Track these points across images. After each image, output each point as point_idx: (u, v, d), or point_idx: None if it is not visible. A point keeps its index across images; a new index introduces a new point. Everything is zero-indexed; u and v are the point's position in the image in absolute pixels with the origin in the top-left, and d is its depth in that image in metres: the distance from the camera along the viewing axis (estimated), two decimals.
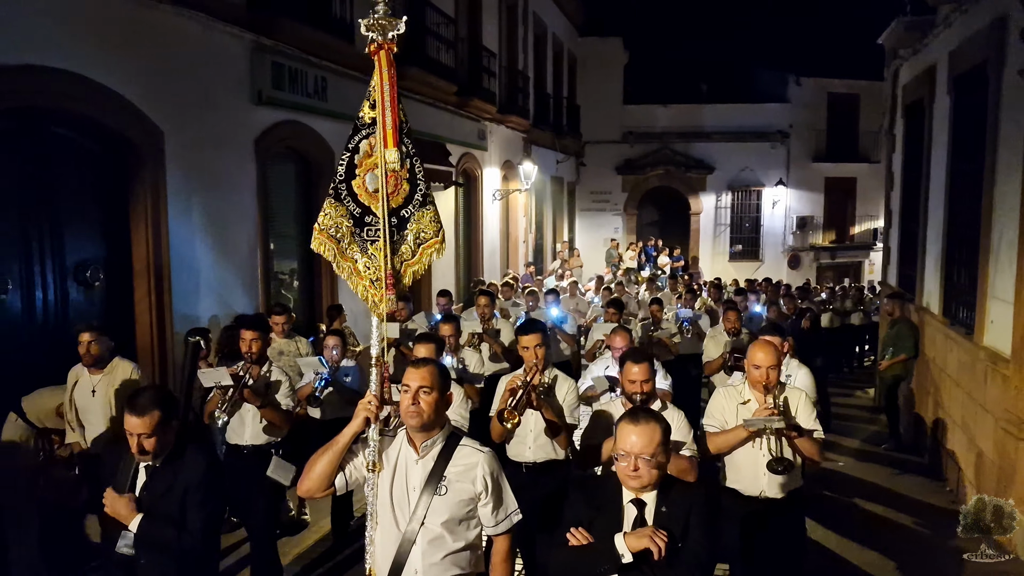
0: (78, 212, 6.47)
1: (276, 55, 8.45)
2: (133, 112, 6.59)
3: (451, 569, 2.95)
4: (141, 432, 3.19)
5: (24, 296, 5.98)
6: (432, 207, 3.10)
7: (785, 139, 24.33)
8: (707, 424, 4.39)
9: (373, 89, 2.97)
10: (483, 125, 15.67)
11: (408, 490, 2.96)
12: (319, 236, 3.05)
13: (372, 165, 3.01)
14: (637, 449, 2.81)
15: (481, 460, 3.00)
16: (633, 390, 4.21)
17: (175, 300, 7.10)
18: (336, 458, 2.95)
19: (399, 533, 2.93)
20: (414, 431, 2.98)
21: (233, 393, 4.96)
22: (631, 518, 2.87)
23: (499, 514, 3.05)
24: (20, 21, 5.51)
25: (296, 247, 9.69)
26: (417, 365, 3.00)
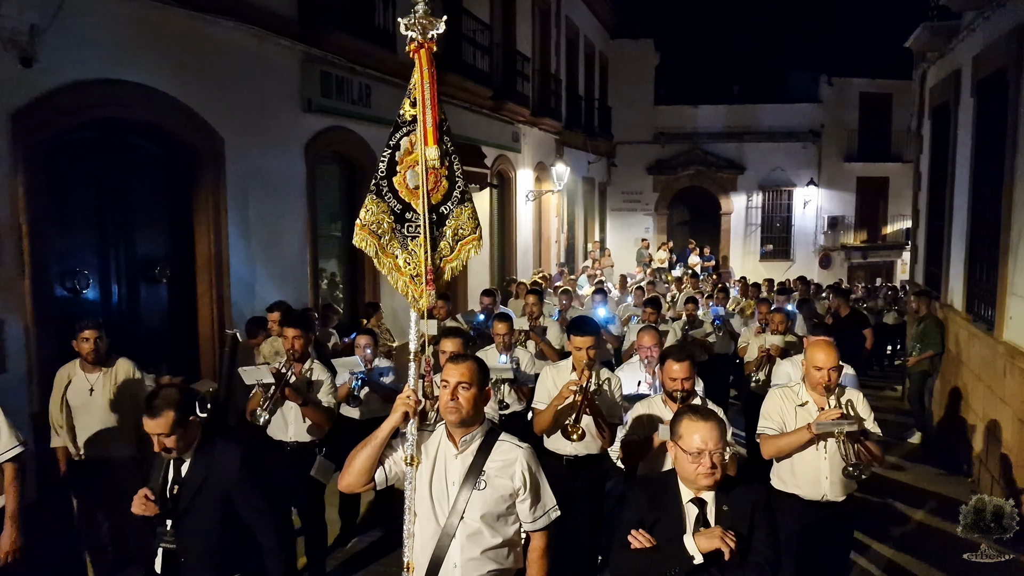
0: (147, 213, 7.00)
1: (324, 65, 8.94)
2: (196, 120, 7.10)
3: (489, 564, 2.94)
4: (160, 432, 3.24)
5: (101, 291, 6.52)
6: (470, 204, 3.14)
7: (816, 139, 24.41)
8: (764, 426, 4.27)
9: (414, 87, 2.99)
10: (517, 128, 16.07)
11: (447, 484, 2.97)
12: (361, 232, 3.07)
13: (413, 162, 3.02)
14: (712, 445, 2.78)
15: (520, 456, 3.00)
16: (674, 387, 4.20)
17: (233, 295, 7.61)
18: (375, 453, 2.95)
19: (438, 527, 2.93)
20: (453, 426, 2.98)
21: (275, 391, 4.93)
22: (693, 518, 2.84)
23: (537, 510, 3.04)
24: (99, 39, 6.02)
25: (340, 246, 10.19)
26: (456, 361, 3.01)
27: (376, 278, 10.43)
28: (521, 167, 16.65)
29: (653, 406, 4.41)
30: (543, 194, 17.99)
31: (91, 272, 6.38)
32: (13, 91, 5.37)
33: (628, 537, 2.81)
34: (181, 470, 3.35)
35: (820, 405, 4.11)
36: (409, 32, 2.97)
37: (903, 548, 6.24)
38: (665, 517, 2.84)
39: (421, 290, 3.05)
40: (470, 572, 2.90)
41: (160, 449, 3.28)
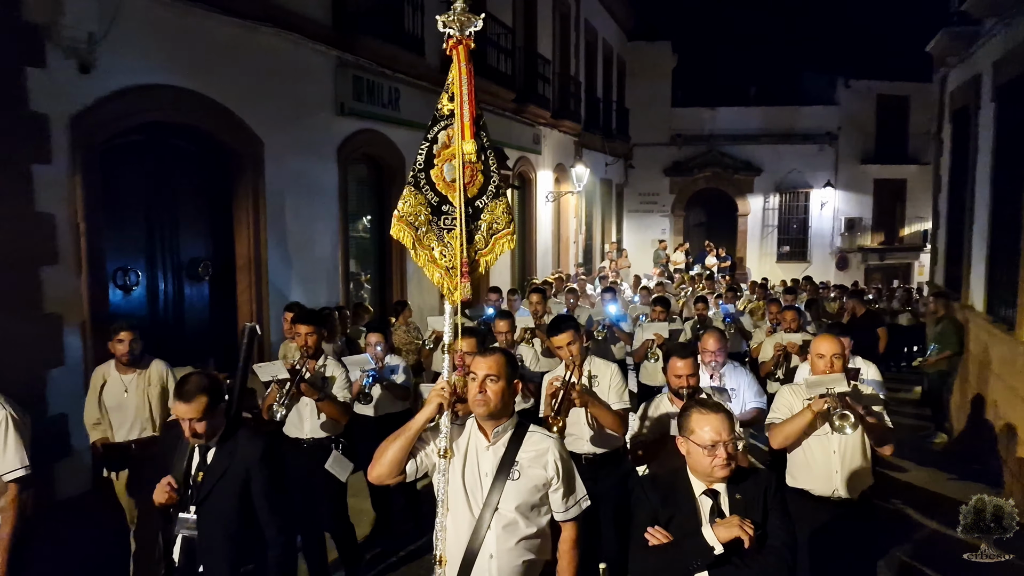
0: (191, 214, 7.25)
1: (357, 69, 9.18)
2: (237, 124, 7.35)
3: (525, 554, 2.95)
4: (191, 417, 3.25)
5: (148, 289, 6.77)
6: (504, 198, 3.14)
7: (833, 141, 24.48)
8: (772, 418, 4.27)
9: (451, 83, 3.01)
10: (537, 130, 16.28)
11: (480, 476, 2.97)
12: (398, 223, 3.07)
13: (450, 156, 3.04)
14: (725, 436, 2.81)
15: (551, 445, 3.02)
16: (679, 384, 4.23)
17: (271, 293, 7.86)
18: (407, 444, 2.96)
19: (473, 519, 2.93)
20: (482, 419, 2.99)
21: (290, 387, 4.93)
22: (707, 510, 2.85)
23: (569, 500, 3.05)
24: (149, 46, 6.28)
25: (370, 246, 10.43)
26: (485, 354, 3.03)
27: (403, 277, 10.69)
28: (541, 168, 16.86)
29: (660, 405, 4.43)
30: (562, 195, 18.19)
31: (140, 270, 6.63)
32: (72, 96, 5.63)
33: (645, 535, 2.80)
34: (206, 458, 3.36)
35: None
36: (447, 29, 2.98)
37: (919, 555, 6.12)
38: (679, 512, 2.85)
39: (456, 282, 3.05)
40: (506, 562, 2.91)
41: (190, 434, 3.30)
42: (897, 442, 4.21)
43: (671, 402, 4.35)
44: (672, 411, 4.27)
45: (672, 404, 4.33)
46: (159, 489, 3.29)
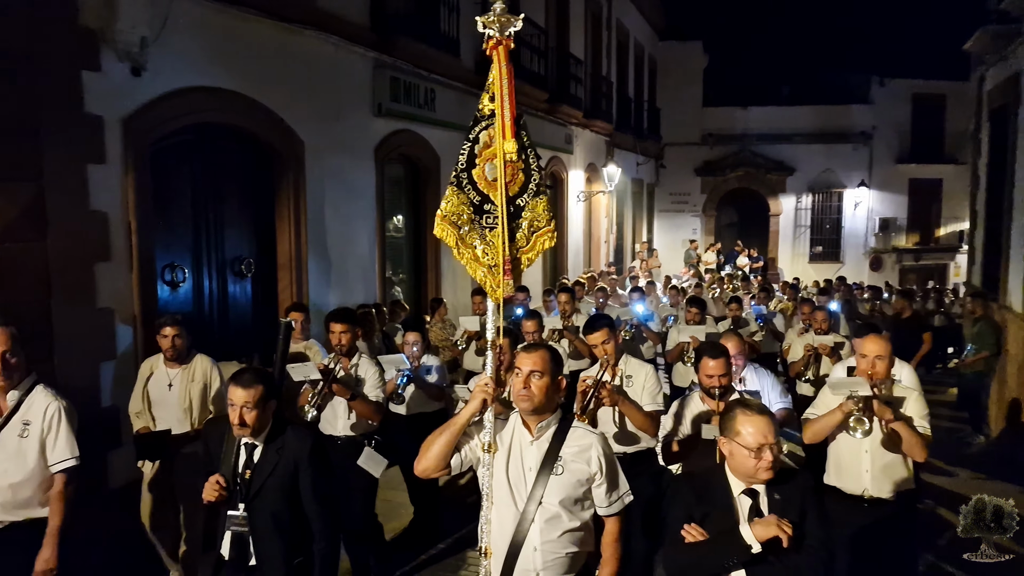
0: (235, 213, 7.43)
1: (394, 71, 9.33)
2: (280, 124, 7.52)
3: (568, 547, 3.01)
4: (245, 403, 3.31)
5: (195, 285, 6.96)
6: (545, 196, 3.18)
7: (868, 140, 24.24)
8: (809, 413, 4.34)
9: (492, 83, 3.05)
10: (569, 130, 16.35)
11: (524, 470, 3.03)
12: (441, 223, 3.12)
13: (491, 155, 3.08)
14: (770, 438, 2.82)
15: (595, 441, 3.08)
16: (711, 384, 4.22)
17: (310, 290, 8.03)
18: (453, 439, 3.01)
19: (517, 512, 2.99)
20: (526, 414, 3.05)
21: (322, 387, 4.95)
22: (746, 508, 2.86)
23: (612, 495, 3.10)
24: (197, 49, 6.45)
25: (406, 244, 10.59)
26: (529, 350, 3.10)
27: (438, 275, 10.82)
28: (573, 168, 16.92)
29: (691, 404, 4.43)
30: (593, 195, 18.24)
31: (187, 267, 6.82)
32: (125, 99, 5.83)
33: (681, 532, 2.82)
34: (253, 455, 3.42)
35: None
36: (487, 30, 3.00)
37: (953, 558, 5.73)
38: (715, 511, 2.86)
39: (498, 280, 3.09)
40: (549, 554, 2.97)
41: (238, 423, 3.34)
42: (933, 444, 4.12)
43: (702, 401, 4.37)
44: (703, 410, 4.31)
45: (703, 403, 4.35)
46: (208, 487, 3.36)
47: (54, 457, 3.81)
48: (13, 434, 3.76)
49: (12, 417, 3.76)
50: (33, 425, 3.78)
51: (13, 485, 3.74)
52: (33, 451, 3.78)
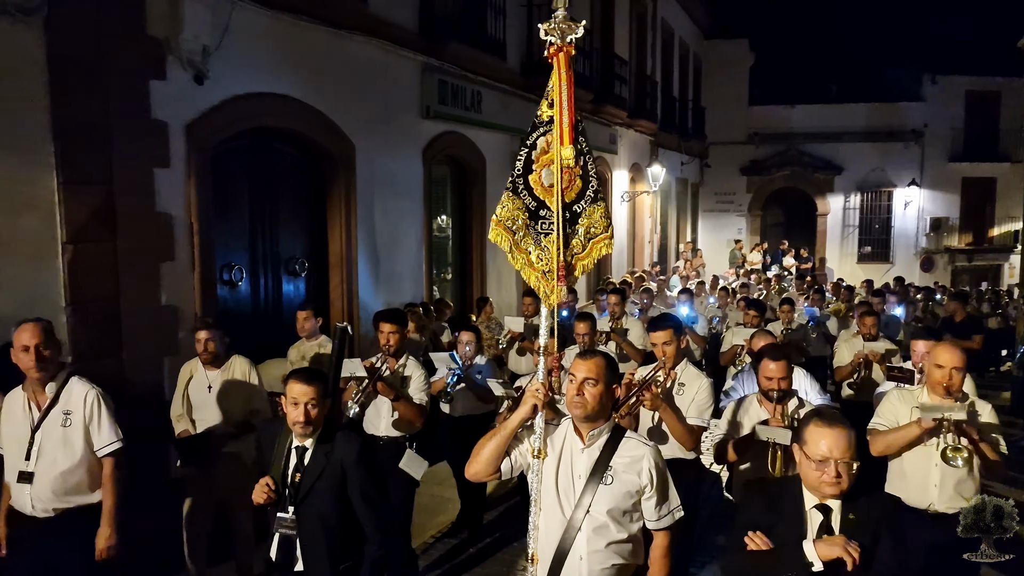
0: (289, 213, 7.67)
1: (441, 74, 9.50)
2: (332, 128, 7.74)
3: (614, 558, 2.98)
4: (310, 399, 3.35)
5: (251, 284, 7.22)
6: (603, 203, 3.16)
7: (919, 138, 23.77)
8: (875, 423, 4.13)
9: (551, 89, 3.04)
10: (614, 130, 16.39)
11: (574, 478, 3.00)
12: (496, 227, 3.12)
13: (548, 161, 3.08)
14: (838, 453, 2.68)
15: (647, 453, 3.03)
16: (770, 387, 4.12)
17: (360, 289, 8.24)
18: (503, 443, 3.00)
19: (564, 519, 2.96)
20: (579, 421, 3.02)
21: (367, 385, 4.96)
22: (815, 525, 2.74)
23: (662, 509, 3.05)
24: (254, 56, 6.69)
25: (451, 244, 10.77)
26: (585, 356, 3.06)
27: (483, 274, 10.98)
28: (617, 168, 16.95)
29: (748, 406, 4.33)
30: (638, 195, 18.24)
31: (244, 266, 7.08)
32: (188, 105, 6.08)
33: (744, 539, 2.75)
34: (304, 458, 3.43)
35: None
36: (548, 37, 3.01)
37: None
38: (783, 522, 2.77)
39: (552, 286, 3.10)
40: (595, 565, 2.95)
41: (303, 419, 3.36)
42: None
43: (759, 404, 4.27)
44: (760, 414, 4.22)
45: (760, 407, 4.26)
46: (257, 489, 3.39)
47: (100, 442, 3.96)
48: (56, 424, 3.90)
49: (52, 408, 3.91)
50: (75, 414, 3.92)
51: (63, 473, 3.88)
52: (78, 439, 3.92)
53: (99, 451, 3.96)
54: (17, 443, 3.90)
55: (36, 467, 3.86)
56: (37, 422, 3.89)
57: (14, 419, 3.94)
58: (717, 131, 24.58)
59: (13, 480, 3.89)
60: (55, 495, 3.89)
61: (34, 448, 3.86)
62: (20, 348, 3.83)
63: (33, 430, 3.88)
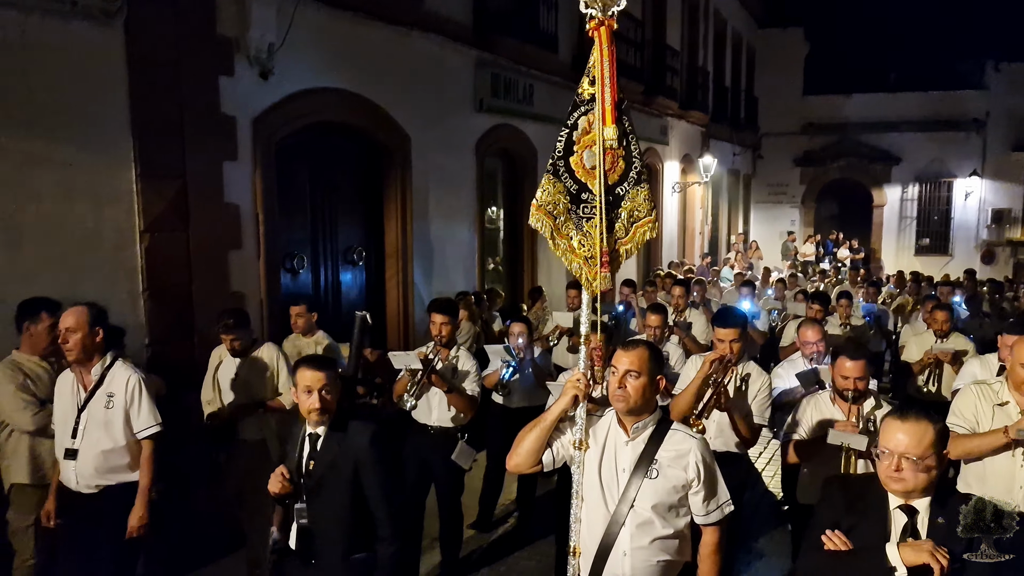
0: (347, 205, 7.95)
1: (494, 67, 9.69)
2: (389, 122, 7.98)
3: (659, 554, 2.90)
4: (323, 384, 3.26)
5: (312, 273, 7.51)
6: (646, 185, 3.02)
7: (981, 128, 23.11)
8: (953, 423, 3.83)
9: (593, 66, 2.89)
10: (665, 121, 16.38)
11: (618, 471, 2.92)
12: (536, 212, 2.99)
13: (590, 142, 2.93)
14: (902, 448, 2.53)
15: (694, 447, 2.93)
16: (845, 386, 3.97)
17: (415, 278, 8.49)
18: (544, 435, 2.94)
19: (608, 513, 2.89)
20: (622, 414, 2.95)
21: (421, 376, 4.95)
22: (899, 527, 2.59)
23: (711, 504, 2.96)
24: (316, 53, 6.95)
25: (503, 234, 10.95)
26: (627, 347, 2.95)
27: (534, 265, 11.14)
28: (668, 159, 16.94)
29: (820, 404, 4.19)
30: (688, 186, 18.19)
31: (305, 255, 7.37)
32: (254, 101, 6.38)
33: (822, 537, 2.60)
34: (316, 445, 3.33)
35: (1023, 407, 3.68)
36: (589, 10, 2.84)
37: None
38: (864, 522, 2.62)
39: (595, 272, 2.95)
40: (639, 561, 2.87)
41: (318, 406, 3.27)
42: None
43: (833, 403, 4.14)
44: (834, 414, 4.09)
45: (833, 405, 4.13)
46: (273, 479, 3.29)
47: (139, 425, 4.08)
48: (100, 406, 4.03)
49: (97, 390, 4.04)
50: (117, 397, 4.04)
51: (104, 452, 4.02)
52: (119, 420, 4.04)
53: (138, 433, 4.09)
54: (65, 421, 4.06)
55: (80, 445, 4.00)
56: (83, 402, 4.03)
57: (63, 398, 4.10)
58: (770, 122, 24.28)
59: (61, 456, 4.07)
60: (97, 472, 4.02)
61: (79, 427, 4.01)
62: (63, 331, 3.96)
63: (79, 410, 4.03)
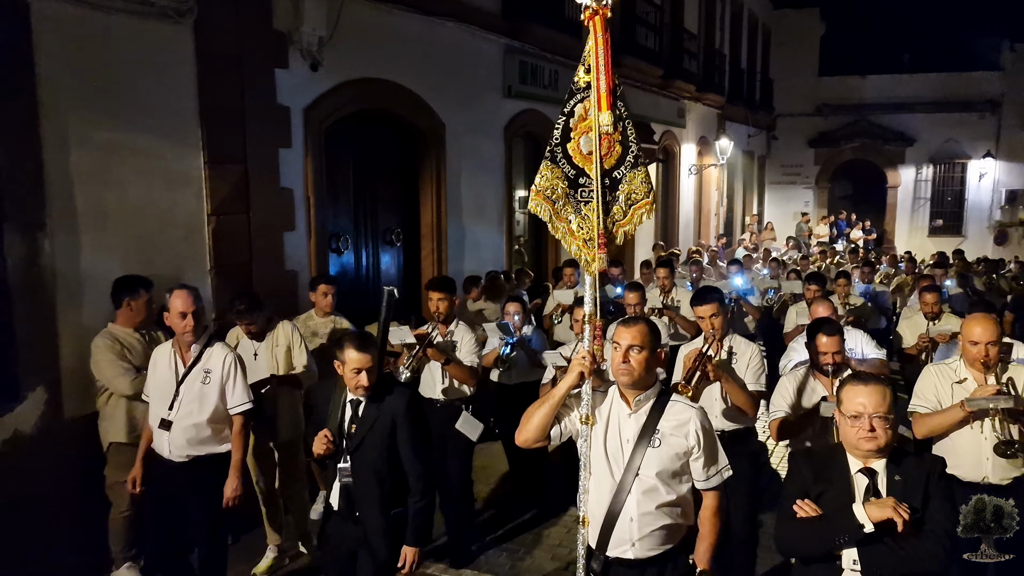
0: (386, 188, 8.37)
1: (522, 55, 10.05)
2: (425, 108, 8.38)
3: (663, 519, 3.03)
4: (367, 366, 3.51)
5: (354, 253, 7.95)
6: (643, 168, 3.13)
7: (996, 108, 23.24)
8: (916, 404, 4.08)
9: (588, 54, 2.99)
10: (682, 103, 16.66)
11: (622, 442, 3.05)
12: (535, 198, 3.12)
13: (587, 128, 3.03)
14: (871, 408, 2.73)
15: (693, 415, 3.07)
16: (825, 361, 4.17)
17: (449, 257, 8.91)
18: (552, 411, 3.06)
19: (614, 483, 3.03)
20: (625, 387, 3.07)
21: (417, 350, 5.16)
22: (862, 488, 2.77)
23: (710, 470, 3.10)
24: (360, 45, 7.33)
25: (528, 216, 11.34)
26: (628, 324, 3.09)
27: (557, 245, 11.51)
28: (685, 142, 17.25)
29: (804, 380, 4.33)
30: (704, 168, 18.49)
31: (349, 236, 7.81)
32: (305, 91, 6.78)
33: (793, 507, 2.78)
34: (358, 411, 3.61)
35: (980, 382, 3.89)
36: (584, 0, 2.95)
37: None
38: (831, 488, 2.80)
39: (593, 254, 3.09)
40: (645, 526, 3.02)
41: (357, 386, 3.54)
42: None
43: (815, 378, 4.31)
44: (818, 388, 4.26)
45: (815, 380, 4.30)
46: (318, 441, 3.58)
47: (233, 401, 4.36)
48: (196, 381, 4.30)
49: (195, 366, 4.32)
50: (214, 373, 4.32)
51: (196, 424, 4.29)
52: (213, 395, 4.32)
53: (231, 409, 4.37)
54: (161, 393, 4.33)
55: (175, 417, 4.27)
56: (181, 377, 4.30)
57: (160, 371, 4.36)
58: (785, 103, 24.47)
59: (155, 426, 4.33)
60: (189, 443, 4.29)
61: (176, 400, 4.28)
62: (177, 313, 4.24)
63: (178, 383, 4.29)
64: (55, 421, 4.88)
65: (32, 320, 4.79)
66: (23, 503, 4.62)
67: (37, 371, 4.82)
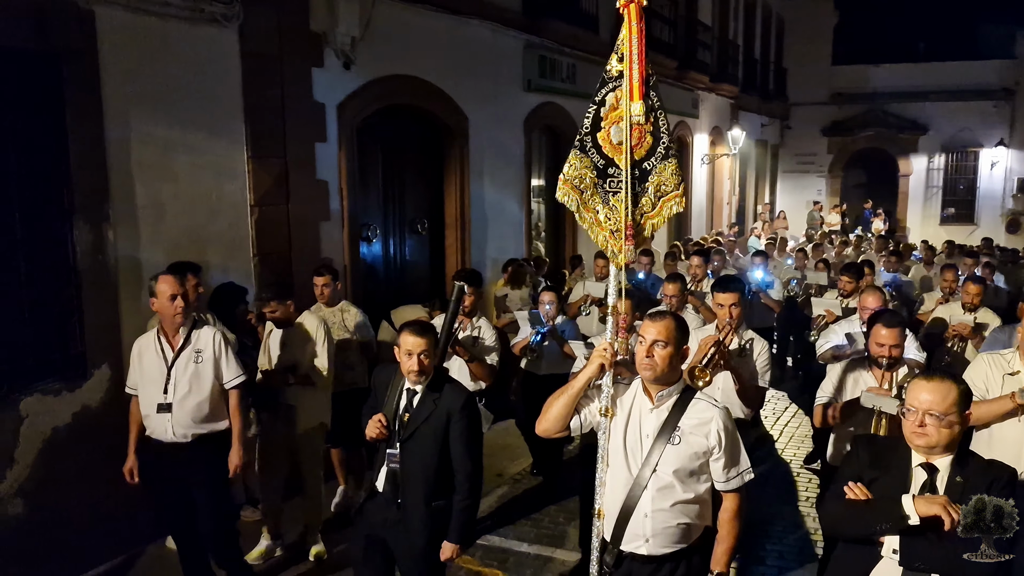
0: (413, 179, 8.74)
1: (541, 49, 10.38)
2: (449, 103, 8.73)
3: (679, 518, 3.01)
4: (423, 350, 3.55)
5: (383, 242, 8.34)
6: (674, 160, 3.07)
7: (1010, 97, 23.34)
8: None
9: (621, 43, 2.94)
10: (696, 94, 16.92)
11: (641, 437, 3.02)
12: (563, 186, 3.08)
13: (618, 118, 2.99)
14: (926, 405, 2.68)
15: (716, 415, 3.02)
16: (880, 353, 4.06)
17: (472, 246, 9.29)
18: (572, 401, 3.06)
19: (630, 477, 3.01)
20: (648, 382, 3.04)
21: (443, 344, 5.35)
22: (919, 483, 2.73)
23: (731, 471, 3.06)
24: (389, 43, 7.68)
25: (547, 206, 11.70)
26: (655, 318, 3.04)
27: (576, 234, 11.89)
28: (698, 132, 17.50)
29: (856, 370, 4.28)
30: (717, 158, 18.74)
31: (378, 225, 8.19)
32: (338, 88, 7.16)
33: (844, 488, 2.76)
34: (413, 401, 3.64)
35: None
36: None
37: None
38: (886, 477, 2.77)
39: (620, 245, 3.05)
40: (660, 523, 3.00)
41: (417, 368, 3.57)
42: None
43: (868, 369, 4.23)
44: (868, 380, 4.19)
45: (869, 372, 4.22)
46: (372, 424, 3.63)
47: (228, 375, 4.49)
48: (188, 362, 4.40)
49: (184, 348, 4.41)
50: (205, 352, 4.42)
51: (197, 403, 4.40)
52: (208, 373, 4.43)
53: (227, 383, 4.50)
54: (153, 380, 4.40)
55: (174, 399, 4.37)
56: (172, 360, 4.39)
57: (147, 360, 4.44)
58: (799, 92, 24.63)
59: (153, 412, 4.39)
60: (193, 422, 4.41)
61: (170, 383, 4.36)
62: (167, 297, 4.28)
63: (168, 367, 4.38)
64: (117, 396, 5.29)
65: (98, 305, 5.22)
66: (90, 469, 5.05)
67: (102, 351, 5.26)
